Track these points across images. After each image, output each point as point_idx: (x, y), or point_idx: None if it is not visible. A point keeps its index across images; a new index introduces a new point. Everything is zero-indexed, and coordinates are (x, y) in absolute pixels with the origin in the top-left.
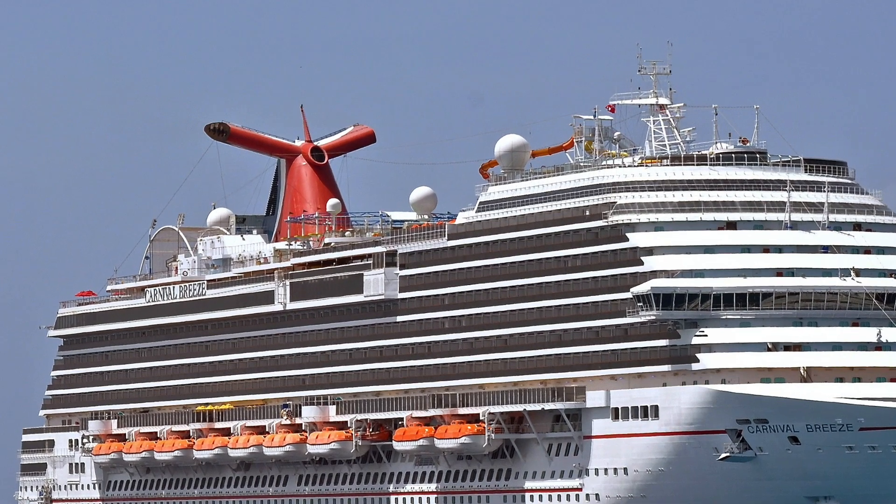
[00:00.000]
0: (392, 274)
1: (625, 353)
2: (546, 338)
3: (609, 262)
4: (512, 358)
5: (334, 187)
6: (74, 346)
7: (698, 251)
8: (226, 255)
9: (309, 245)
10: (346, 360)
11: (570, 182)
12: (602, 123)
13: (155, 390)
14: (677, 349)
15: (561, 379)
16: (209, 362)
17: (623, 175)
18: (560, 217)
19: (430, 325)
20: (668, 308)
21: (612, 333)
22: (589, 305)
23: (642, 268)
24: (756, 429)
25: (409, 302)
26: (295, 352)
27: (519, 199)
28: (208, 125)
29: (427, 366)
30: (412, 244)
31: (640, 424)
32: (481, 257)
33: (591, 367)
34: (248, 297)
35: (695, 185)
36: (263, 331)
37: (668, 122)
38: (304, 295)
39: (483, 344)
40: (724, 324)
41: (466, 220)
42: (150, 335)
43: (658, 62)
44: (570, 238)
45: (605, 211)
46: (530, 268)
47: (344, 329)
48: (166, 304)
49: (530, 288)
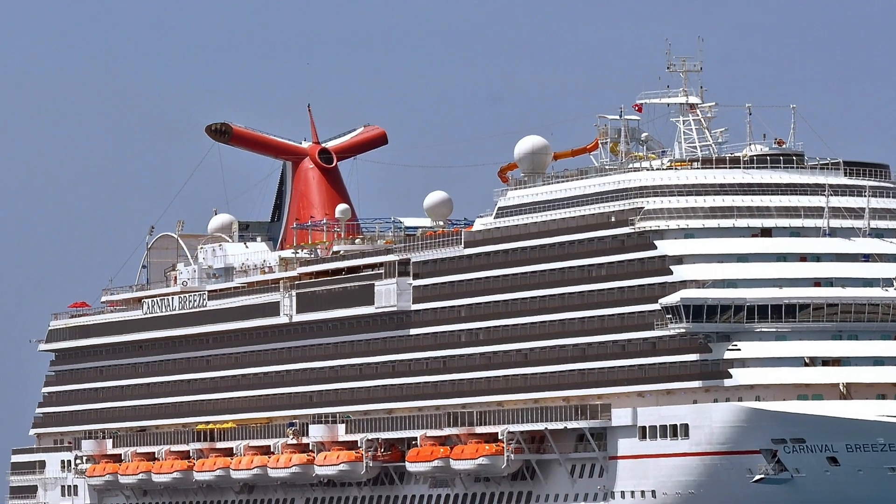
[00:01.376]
0: (405, 284)
1: (653, 369)
2: (569, 352)
3: (636, 271)
4: (533, 373)
5: (343, 192)
6: (67, 360)
7: (731, 260)
8: (228, 263)
9: (316, 253)
10: (355, 375)
11: (595, 186)
12: (628, 124)
13: (152, 408)
14: (709, 364)
15: (585, 396)
16: (210, 378)
17: (651, 179)
18: (584, 223)
19: (446, 338)
20: (699, 320)
21: (639, 347)
22: (615, 318)
23: (671, 277)
24: (792, 449)
25: (422, 314)
26: (301, 367)
27: (540, 205)
28: (209, 126)
29: (442, 382)
30: (426, 252)
31: (668, 444)
32: (500, 266)
33: (616, 383)
34: (252, 308)
35: (727, 189)
36: (268, 345)
37: (699, 123)
38: (312, 306)
39: (502, 359)
40: (759, 337)
41: (484, 226)
42: (147, 349)
43: (688, 58)
44: (594, 246)
45: (632, 217)
46: (552, 277)
47: (353, 343)
48: (164, 317)
49: (552, 299)
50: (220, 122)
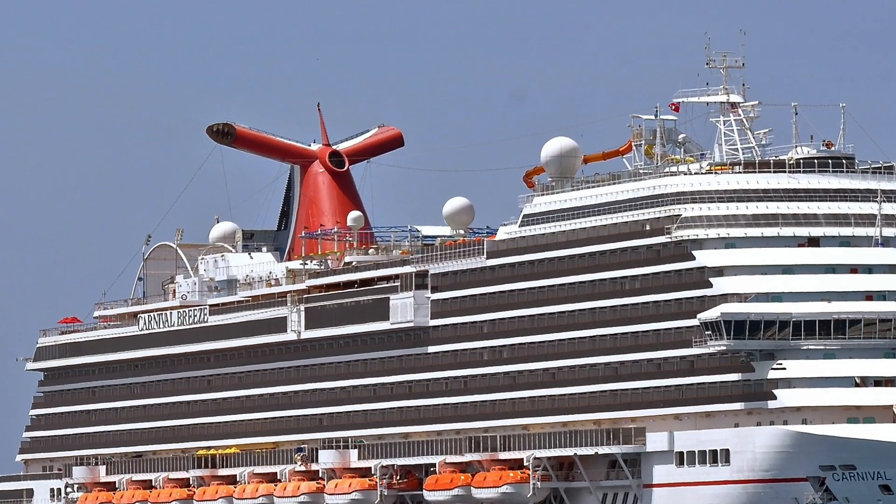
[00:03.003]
0: (422, 298)
1: (691, 390)
2: (600, 371)
3: (673, 284)
4: (561, 395)
5: (356, 198)
6: (57, 380)
7: (775, 271)
8: (231, 275)
9: (326, 265)
10: (369, 396)
11: (628, 192)
12: (664, 124)
13: (149, 432)
14: (751, 384)
15: (617, 419)
16: (212, 400)
17: (689, 184)
18: (616, 232)
19: (467, 356)
20: (741, 337)
21: (676, 366)
22: (649, 334)
23: (711, 291)
24: (842, 476)
25: (441, 330)
26: (310, 387)
27: (569, 212)
28: (211, 126)
29: (463, 404)
30: (446, 264)
31: (708, 471)
32: (525, 279)
33: (651, 405)
34: (257, 324)
35: (771, 195)
36: (274, 363)
37: (741, 123)
38: (322, 322)
39: (527, 378)
40: (806, 355)
41: (508, 235)
42: (143, 368)
43: (729, 54)
44: (627, 256)
45: (669, 225)
46: (582, 291)
47: (367, 361)
48: (162, 333)
49: (582, 314)
50: (223, 123)
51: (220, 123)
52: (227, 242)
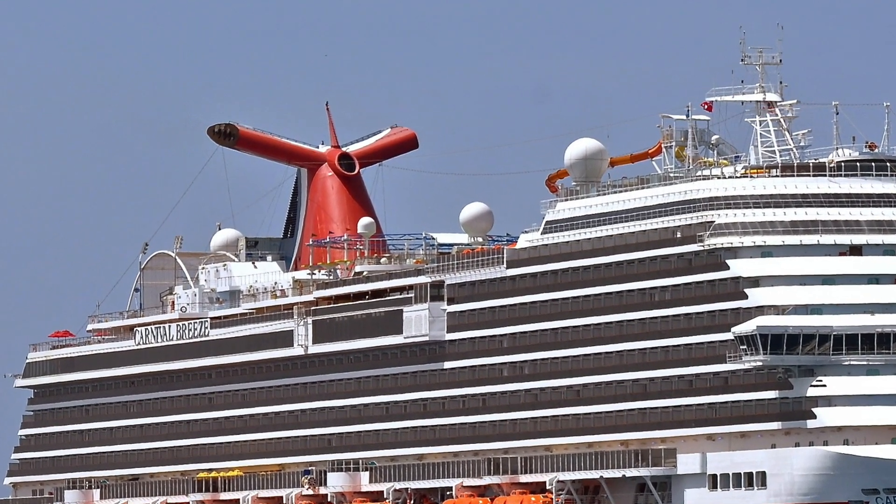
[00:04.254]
0: (438, 310)
1: (724, 408)
2: (628, 388)
3: (705, 295)
4: (586, 413)
5: (367, 203)
6: (47, 398)
7: (815, 282)
8: (233, 286)
9: (336, 274)
10: (381, 415)
11: (658, 197)
12: (696, 124)
13: (146, 453)
14: (789, 402)
15: (646, 439)
16: (213, 419)
17: (722, 188)
18: (645, 240)
19: (485, 373)
20: (778, 352)
21: (708, 383)
22: (680, 349)
23: (746, 302)
24: (886, 501)
25: (458, 345)
26: (318, 406)
27: (594, 218)
28: (212, 127)
29: (481, 423)
30: (463, 273)
31: (743, 495)
32: (548, 290)
33: (683, 424)
34: (261, 338)
35: (811, 200)
36: (280, 380)
37: (778, 123)
38: (330, 336)
39: (550, 396)
40: (847, 371)
41: (530, 243)
42: (140, 385)
43: (765, 49)
44: (657, 266)
45: (701, 232)
46: (608, 303)
47: (379, 378)
48: (160, 348)
49: (608, 328)
50: (225, 123)
51: (221, 124)
52: (230, 251)
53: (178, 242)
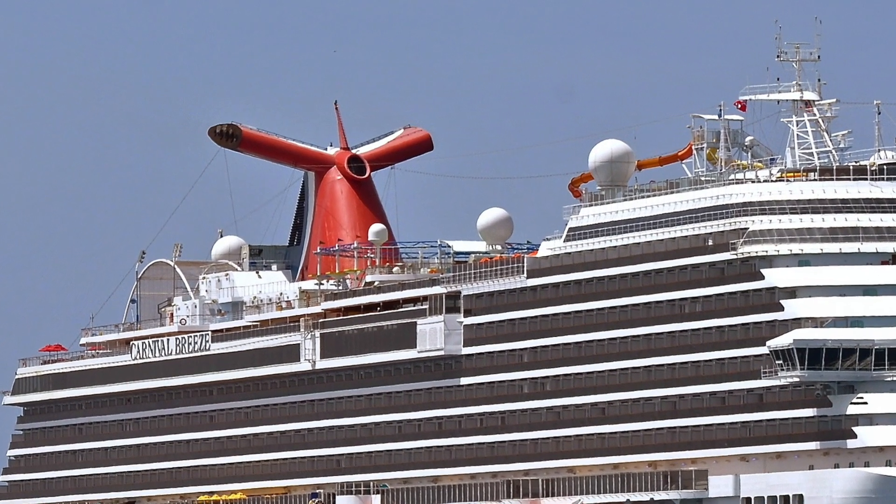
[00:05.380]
0: (454, 323)
1: (759, 427)
2: (656, 406)
3: (739, 306)
4: (611, 433)
5: (378, 209)
6: (38, 416)
7: (856, 292)
8: (236, 297)
9: (345, 285)
10: (393, 435)
11: (688, 202)
12: (729, 125)
13: (144, 475)
14: (828, 421)
15: (675, 460)
16: (215, 438)
17: (757, 193)
18: (674, 248)
19: (504, 389)
20: (817, 367)
21: (742, 400)
22: (712, 364)
23: (782, 314)
24: None
25: (475, 359)
26: (327, 424)
27: (620, 225)
28: (214, 127)
29: (500, 443)
30: (480, 284)
31: None
32: (571, 301)
33: (714, 444)
34: (266, 352)
35: (851, 205)
36: (286, 397)
37: (816, 124)
38: (339, 350)
39: (573, 414)
40: (890, 387)
41: (551, 251)
42: (137, 403)
43: (802, 45)
44: (687, 276)
45: (734, 240)
46: (635, 315)
47: (391, 395)
48: (158, 363)
49: (635, 341)
50: (227, 124)
51: (223, 124)
52: (232, 259)
53: (178, 250)
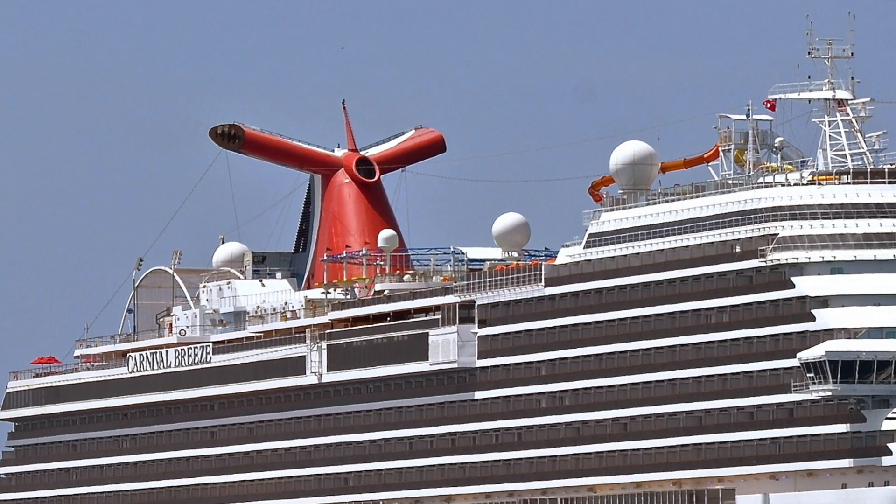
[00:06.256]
0: (468, 334)
1: (789, 443)
2: (681, 421)
3: (768, 317)
4: (634, 449)
5: (388, 213)
6: (30, 432)
7: (891, 302)
8: (238, 307)
9: (353, 294)
10: (404, 452)
11: (714, 206)
12: (758, 125)
13: (141, 494)
14: (862, 437)
15: (701, 478)
16: (216, 456)
17: (787, 196)
18: (700, 255)
19: (521, 404)
20: (850, 380)
21: (771, 416)
22: (740, 377)
23: (814, 325)
24: None
25: (491, 372)
26: (334, 441)
27: (643, 231)
28: (215, 128)
29: (517, 460)
30: (496, 293)
31: None
32: (591, 311)
33: (742, 461)
34: (270, 365)
35: (886, 210)
36: (291, 412)
37: (849, 124)
38: (347, 363)
39: (594, 430)
40: None
41: (571, 258)
42: (134, 418)
43: (835, 41)
44: (713, 284)
45: (763, 246)
46: (659, 325)
47: (402, 410)
48: (157, 376)
49: (659, 353)
50: (229, 124)
51: (225, 124)
52: (234, 267)
53: (177, 258)
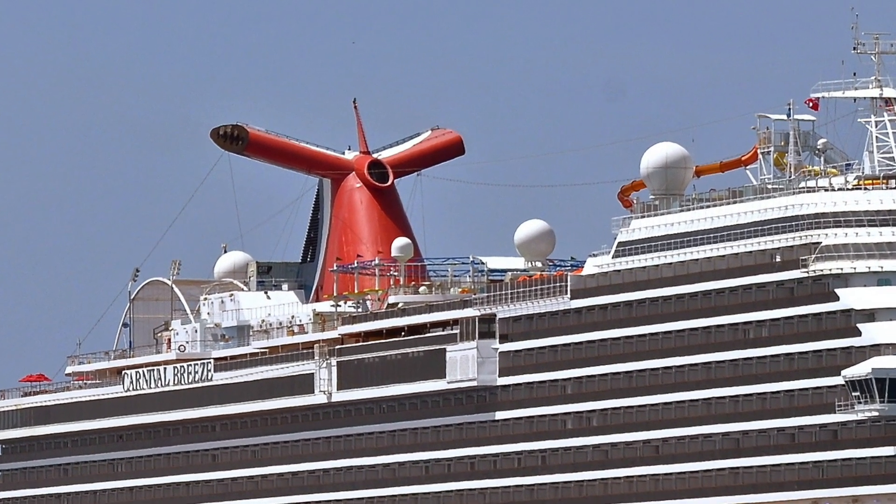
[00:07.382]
0: (488, 350)
1: (833, 467)
2: (716, 444)
3: (810, 331)
4: (667, 473)
5: (402, 220)
6: (18, 455)
7: None
8: (242, 321)
9: (365, 306)
10: (419, 476)
11: (753, 213)
12: (799, 126)
13: None
14: None
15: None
16: (218, 480)
17: (831, 202)
18: (737, 265)
19: (545, 425)
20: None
21: (814, 437)
22: (780, 396)
23: (859, 340)
24: None
25: (513, 391)
26: (344, 464)
27: (676, 239)
28: (217, 129)
29: (540, 485)
30: (518, 305)
31: None
32: (620, 325)
33: (783, 486)
34: (276, 383)
35: None
36: (298, 433)
37: None
38: (358, 381)
39: (623, 453)
40: None
41: (599, 269)
42: (130, 440)
43: (882, 35)
44: (751, 296)
45: (805, 256)
46: (693, 340)
47: (417, 431)
48: (154, 395)
49: (693, 370)
50: (232, 125)
51: (228, 125)
52: (238, 278)
53: (176, 268)
